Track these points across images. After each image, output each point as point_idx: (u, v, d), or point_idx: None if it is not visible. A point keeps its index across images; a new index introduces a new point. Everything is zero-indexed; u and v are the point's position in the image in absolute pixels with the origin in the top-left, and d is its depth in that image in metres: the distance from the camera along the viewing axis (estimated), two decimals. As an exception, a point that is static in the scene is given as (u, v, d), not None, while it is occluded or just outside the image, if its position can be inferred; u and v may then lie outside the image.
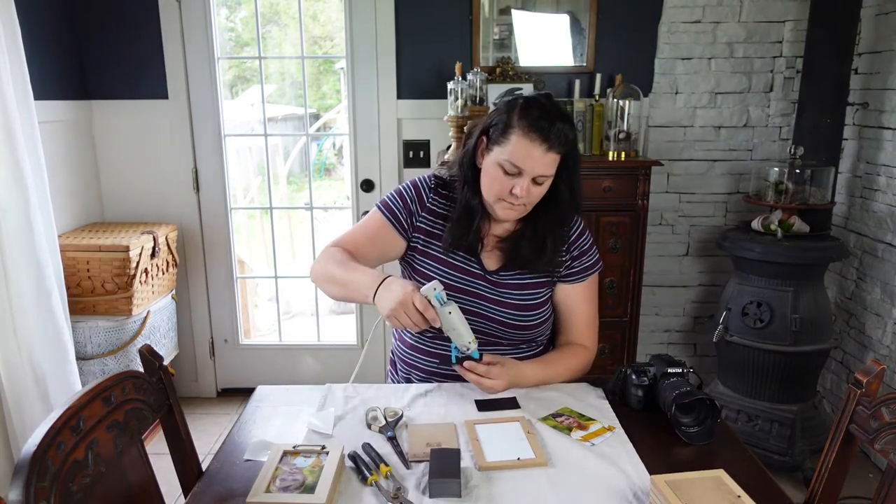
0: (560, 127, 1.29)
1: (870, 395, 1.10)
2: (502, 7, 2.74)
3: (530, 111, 1.30)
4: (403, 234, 1.47)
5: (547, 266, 1.44)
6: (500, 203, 1.36)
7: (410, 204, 1.47)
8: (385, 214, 1.47)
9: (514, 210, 1.37)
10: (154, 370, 1.18)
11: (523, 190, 1.31)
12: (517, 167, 1.30)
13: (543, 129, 1.28)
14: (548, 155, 1.30)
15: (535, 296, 1.46)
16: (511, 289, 1.44)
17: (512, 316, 1.44)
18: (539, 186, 1.34)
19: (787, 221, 2.42)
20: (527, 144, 1.29)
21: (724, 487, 0.99)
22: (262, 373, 3.07)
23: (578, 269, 1.48)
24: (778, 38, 2.73)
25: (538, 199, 1.37)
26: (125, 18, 2.71)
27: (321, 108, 4.43)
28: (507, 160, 1.31)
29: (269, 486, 1.02)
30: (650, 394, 1.31)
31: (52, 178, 2.27)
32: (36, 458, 0.86)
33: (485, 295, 1.44)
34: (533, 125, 1.29)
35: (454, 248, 1.44)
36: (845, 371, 2.70)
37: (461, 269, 1.45)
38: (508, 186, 1.32)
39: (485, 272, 1.45)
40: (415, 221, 1.47)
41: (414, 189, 1.48)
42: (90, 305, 2.39)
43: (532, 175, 1.31)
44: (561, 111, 1.33)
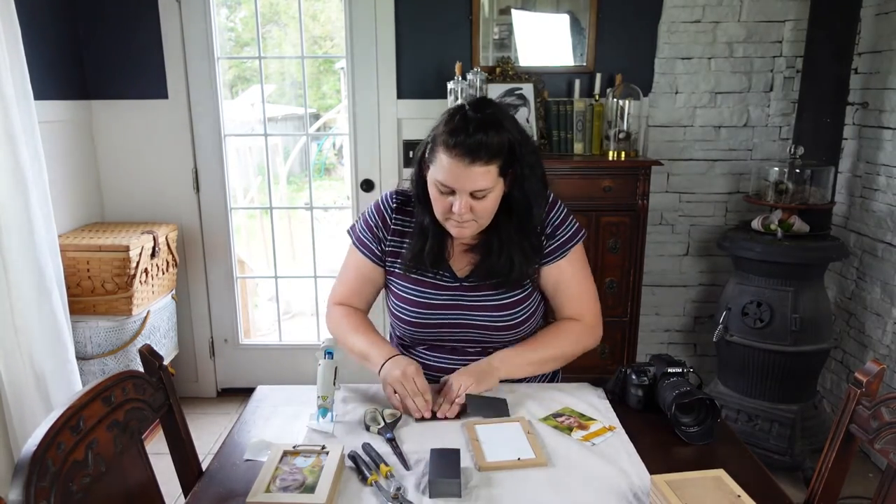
0: (480, 138, 1.22)
1: (870, 395, 1.10)
2: (502, 7, 2.74)
3: (451, 124, 1.25)
4: (379, 262, 1.47)
5: (520, 279, 1.39)
6: (449, 222, 1.32)
7: (376, 230, 1.45)
8: (359, 249, 1.48)
9: (465, 227, 1.31)
10: (154, 370, 1.18)
11: (461, 207, 1.26)
12: (447, 186, 1.26)
13: (462, 144, 1.22)
14: (473, 168, 1.23)
15: (514, 294, 1.41)
16: (488, 289, 1.40)
17: (494, 318, 1.40)
18: (482, 200, 1.28)
19: (787, 221, 2.42)
20: (450, 161, 1.23)
21: (725, 487, 0.99)
22: (262, 373, 3.07)
23: (556, 246, 1.42)
24: (778, 37, 2.73)
25: (488, 212, 1.31)
26: (125, 18, 2.71)
27: (321, 108, 4.43)
28: (437, 180, 1.27)
29: (269, 485, 1.02)
30: (650, 394, 1.31)
31: (52, 178, 2.27)
32: (36, 458, 0.86)
33: (462, 304, 1.40)
34: (452, 140, 1.23)
35: (416, 267, 1.41)
36: (845, 371, 2.70)
37: (434, 284, 1.42)
38: (448, 206, 1.28)
39: (458, 281, 1.42)
40: (384, 247, 1.45)
41: (377, 213, 1.46)
42: (90, 305, 2.39)
43: (465, 191, 1.25)
44: (485, 120, 1.24)
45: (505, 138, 1.26)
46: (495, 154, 1.25)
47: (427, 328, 1.43)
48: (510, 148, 1.28)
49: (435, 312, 1.41)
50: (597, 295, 1.49)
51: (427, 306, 1.41)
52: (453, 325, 1.41)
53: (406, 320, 1.44)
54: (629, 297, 2.59)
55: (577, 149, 2.70)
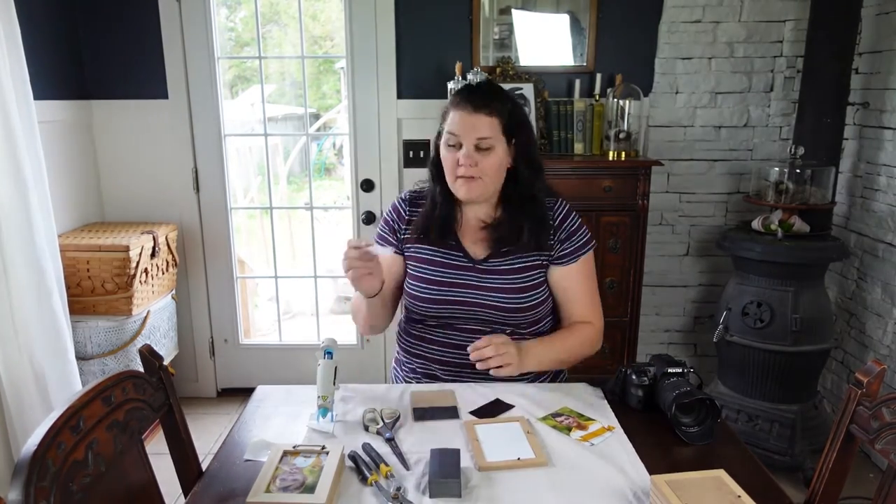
0: (480, 94, 1.40)
1: (870, 395, 1.10)
2: (502, 7, 2.74)
3: (458, 89, 1.47)
4: (397, 250, 1.55)
5: (530, 248, 1.47)
6: (457, 182, 1.41)
7: (393, 223, 1.56)
8: (378, 243, 1.55)
9: (471, 185, 1.40)
10: (154, 370, 1.18)
11: (465, 157, 1.38)
12: (454, 135, 1.39)
13: (465, 96, 1.40)
14: (476, 116, 1.38)
15: (527, 279, 1.47)
16: (501, 274, 1.47)
17: (504, 299, 1.46)
18: (487, 155, 1.39)
19: (787, 221, 2.42)
20: (456, 113, 1.40)
21: (725, 487, 0.99)
22: (262, 373, 3.07)
23: (569, 251, 1.49)
24: (778, 37, 2.73)
25: (493, 171, 1.41)
26: (125, 18, 2.71)
27: (321, 107, 4.42)
28: (447, 131, 1.41)
29: (270, 485, 1.02)
30: (650, 394, 1.31)
31: (52, 178, 2.27)
32: (36, 458, 0.86)
33: (475, 284, 1.47)
34: (457, 97, 1.42)
35: (422, 238, 1.51)
36: (846, 371, 2.70)
37: (448, 264, 1.49)
38: (455, 158, 1.40)
39: (473, 262, 1.49)
40: (401, 236, 1.55)
41: (393, 210, 1.58)
42: (90, 305, 2.39)
43: (470, 140, 1.38)
44: (490, 85, 1.47)
45: (507, 104, 1.42)
46: (497, 111, 1.39)
47: (440, 304, 1.48)
48: (511, 115, 1.42)
49: (448, 290, 1.47)
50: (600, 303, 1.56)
51: (441, 283, 1.48)
52: (465, 304, 1.47)
53: (420, 297, 1.50)
54: (629, 297, 2.58)
55: (578, 149, 2.70)
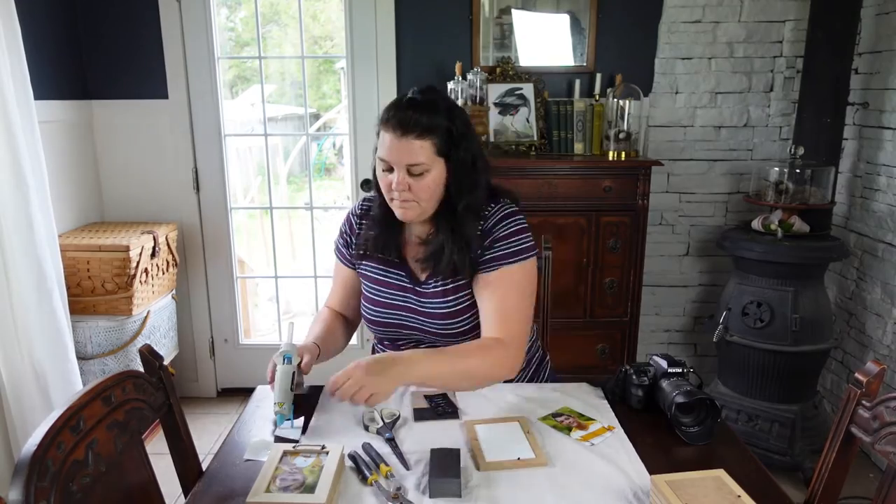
0: (412, 114, 1.28)
1: (870, 395, 1.10)
2: (502, 7, 2.74)
3: (389, 105, 1.33)
4: (350, 265, 1.53)
5: (452, 269, 1.36)
6: (393, 203, 1.35)
7: (346, 237, 1.52)
8: (337, 257, 1.56)
9: (406, 208, 1.33)
10: (154, 370, 1.18)
11: (398, 183, 1.29)
12: (385, 160, 1.31)
13: (394, 117, 1.29)
14: (403, 141, 1.28)
15: (458, 301, 1.39)
16: (435, 297, 1.40)
17: (437, 326, 1.40)
18: (420, 179, 1.30)
19: (787, 221, 2.42)
20: (386, 135, 1.30)
21: (725, 487, 0.99)
22: (263, 373, 3.04)
23: (488, 258, 1.35)
24: (778, 37, 2.73)
25: (428, 193, 1.32)
26: (125, 18, 2.71)
27: (321, 107, 4.42)
28: (379, 157, 1.33)
29: (270, 485, 1.02)
30: (650, 394, 1.31)
31: (52, 178, 2.27)
32: (36, 458, 0.86)
33: (414, 308, 1.42)
34: (386, 115, 1.31)
35: (363, 256, 1.47)
36: (845, 371, 2.70)
37: (394, 285, 1.45)
38: (388, 183, 1.33)
39: (414, 284, 1.43)
40: (352, 250, 1.51)
41: (346, 222, 1.54)
42: (90, 305, 2.39)
43: (400, 165, 1.29)
44: (419, 100, 1.30)
45: (439, 120, 1.30)
46: (427, 130, 1.28)
47: (386, 327, 1.46)
48: (446, 131, 1.31)
49: (390, 312, 1.45)
50: (527, 322, 1.38)
51: (385, 305, 1.45)
52: (406, 327, 1.44)
53: (368, 318, 1.49)
54: (629, 297, 2.59)
55: (578, 149, 2.70)
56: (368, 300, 1.47)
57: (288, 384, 1.23)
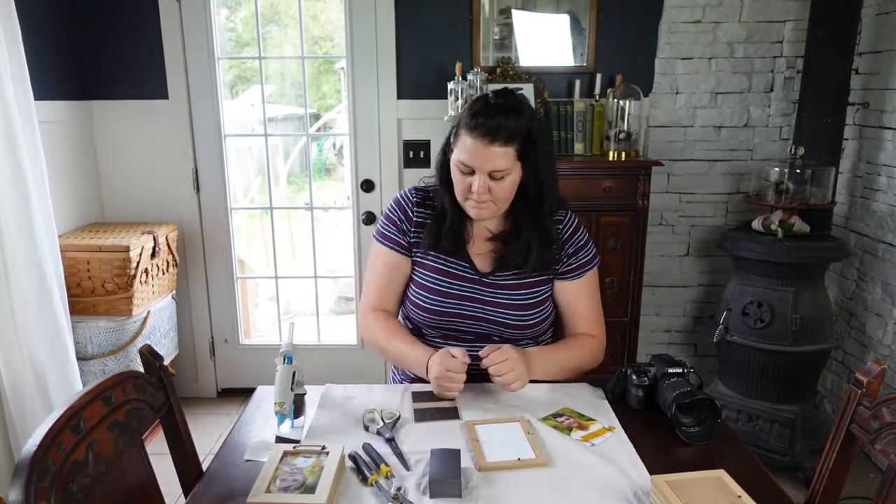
0: (500, 121, 1.30)
1: (870, 396, 1.10)
2: (502, 7, 2.74)
3: (473, 108, 1.34)
4: (406, 252, 1.51)
5: (538, 267, 1.44)
6: (468, 203, 1.38)
7: (400, 223, 1.50)
8: (385, 244, 1.51)
9: (482, 208, 1.37)
10: (154, 370, 1.18)
11: (480, 187, 1.33)
12: (467, 165, 1.33)
13: (482, 125, 1.30)
14: (491, 149, 1.30)
15: (533, 294, 1.46)
16: (507, 289, 1.45)
17: (510, 316, 1.44)
18: (500, 182, 1.34)
19: (787, 221, 2.42)
20: (471, 141, 1.32)
21: (725, 487, 0.99)
22: (263, 373, 3.06)
23: (575, 266, 1.49)
24: (778, 38, 2.73)
25: (506, 194, 1.37)
26: (125, 18, 2.71)
27: (321, 108, 4.42)
28: (460, 160, 1.34)
29: (270, 486, 1.02)
30: (650, 394, 1.31)
31: (52, 178, 2.27)
32: (36, 459, 0.86)
33: (481, 298, 1.45)
34: (473, 122, 1.32)
35: (433, 248, 1.46)
36: (846, 371, 2.69)
37: (455, 275, 1.46)
38: (468, 185, 1.35)
39: (479, 275, 1.46)
40: (410, 238, 1.50)
41: (399, 209, 1.51)
42: (90, 305, 2.39)
43: (483, 171, 1.32)
44: (505, 105, 1.33)
45: (523, 124, 1.33)
46: (513, 137, 1.31)
47: (443, 316, 1.46)
48: (528, 134, 1.34)
49: (453, 302, 1.45)
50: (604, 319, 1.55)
51: (447, 295, 1.45)
52: (469, 318, 1.46)
53: (424, 307, 1.47)
54: (629, 297, 2.58)
55: (578, 149, 2.70)
56: (428, 290, 1.47)
57: (288, 384, 1.23)
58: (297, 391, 1.24)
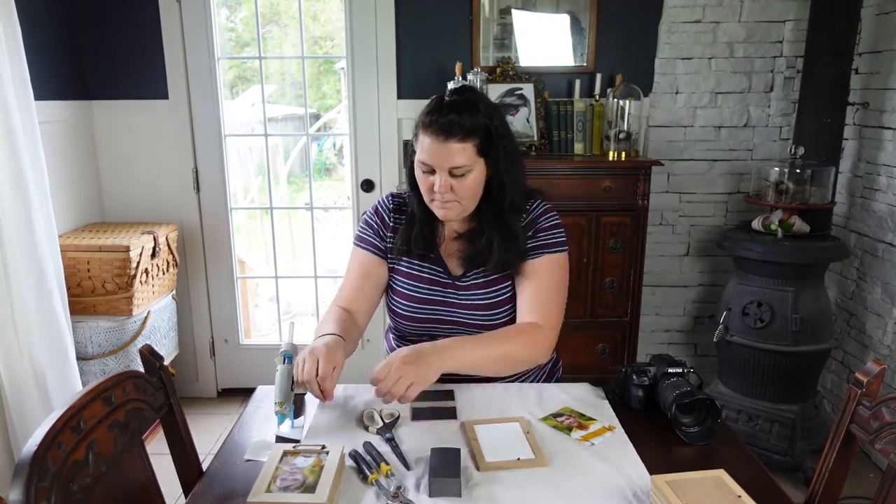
0: (453, 117, 1.29)
1: (870, 395, 1.10)
2: (502, 7, 2.74)
3: (428, 107, 1.34)
4: (381, 255, 1.50)
5: (499, 267, 1.41)
6: (433, 203, 1.37)
7: (377, 228, 1.50)
8: (362, 247, 1.51)
9: (448, 208, 1.36)
10: (154, 370, 1.18)
11: (441, 186, 1.31)
12: (427, 164, 1.33)
13: (436, 122, 1.30)
14: (447, 145, 1.29)
15: (500, 292, 1.44)
16: (476, 289, 1.44)
17: (479, 317, 1.43)
18: (462, 179, 1.32)
19: (787, 221, 2.42)
20: (427, 140, 1.31)
21: (725, 487, 0.99)
22: (263, 373, 3.06)
23: (532, 246, 1.42)
24: (778, 38, 2.73)
25: (470, 192, 1.35)
26: (125, 19, 2.71)
27: (321, 108, 4.42)
28: (419, 160, 1.34)
29: (270, 485, 1.02)
30: (651, 394, 1.31)
31: (53, 178, 2.27)
32: (36, 458, 0.87)
33: (454, 301, 1.45)
34: (428, 119, 1.31)
35: (405, 254, 1.46)
36: (846, 371, 2.70)
37: (430, 280, 1.46)
38: (430, 184, 1.34)
39: (452, 278, 1.45)
40: (386, 243, 1.49)
41: (376, 214, 1.52)
42: (90, 305, 2.39)
43: (443, 168, 1.31)
44: (459, 102, 1.32)
45: (480, 121, 1.32)
46: (469, 133, 1.30)
47: (420, 322, 1.47)
48: (486, 130, 1.33)
49: (428, 307, 1.45)
50: (562, 311, 1.43)
51: (421, 301, 1.46)
52: (444, 322, 1.45)
53: (401, 314, 1.48)
54: (629, 297, 2.58)
55: (578, 149, 2.70)
56: (404, 296, 1.47)
57: (288, 384, 1.23)
58: (297, 391, 1.24)
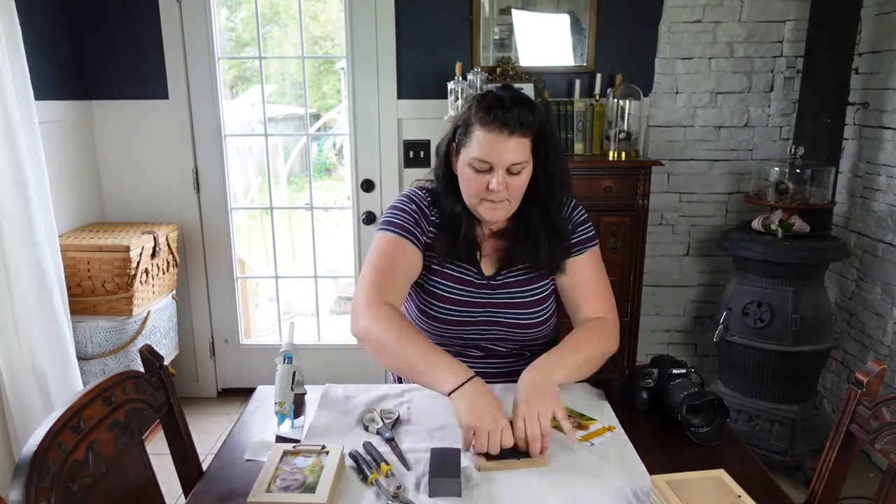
0: (517, 111, 1.26)
1: (870, 395, 1.10)
2: (502, 7, 2.74)
3: (485, 103, 1.29)
4: (420, 247, 1.39)
5: (548, 263, 1.39)
6: (483, 204, 1.32)
7: (418, 217, 1.40)
8: (398, 233, 1.36)
9: (499, 208, 1.32)
10: (154, 370, 1.18)
11: (499, 183, 1.27)
12: (486, 162, 1.28)
13: (500, 117, 1.26)
14: (511, 140, 1.26)
15: (538, 290, 1.43)
16: (512, 287, 1.43)
17: (517, 315, 1.42)
18: (517, 177, 1.30)
19: (787, 221, 2.42)
20: (489, 136, 1.27)
21: (725, 487, 0.99)
22: (263, 373, 3.06)
23: (576, 241, 1.43)
24: (778, 37, 2.73)
25: (520, 191, 1.32)
26: (125, 18, 2.71)
27: (321, 108, 4.43)
28: (476, 157, 1.28)
29: (270, 485, 1.02)
30: (655, 396, 1.30)
31: (53, 178, 2.27)
32: (36, 458, 0.86)
33: (488, 301, 1.42)
34: (489, 115, 1.27)
35: (451, 258, 1.40)
36: (846, 371, 2.70)
37: (463, 280, 1.42)
38: (484, 184, 1.29)
39: (486, 279, 1.43)
40: (425, 238, 1.41)
41: (414, 203, 1.41)
42: (91, 305, 2.39)
43: (503, 165, 1.27)
44: (518, 97, 1.31)
45: (537, 116, 1.30)
46: (530, 128, 1.28)
47: (457, 325, 1.42)
48: (540, 126, 1.31)
49: (466, 310, 1.41)
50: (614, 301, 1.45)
51: (459, 303, 1.41)
52: (482, 323, 1.42)
53: (437, 317, 1.42)
54: (629, 297, 2.58)
55: (578, 149, 2.70)
56: (441, 299, 1.41)
57: (288, 384, 1.23)
58: (297, 391, 1.24)
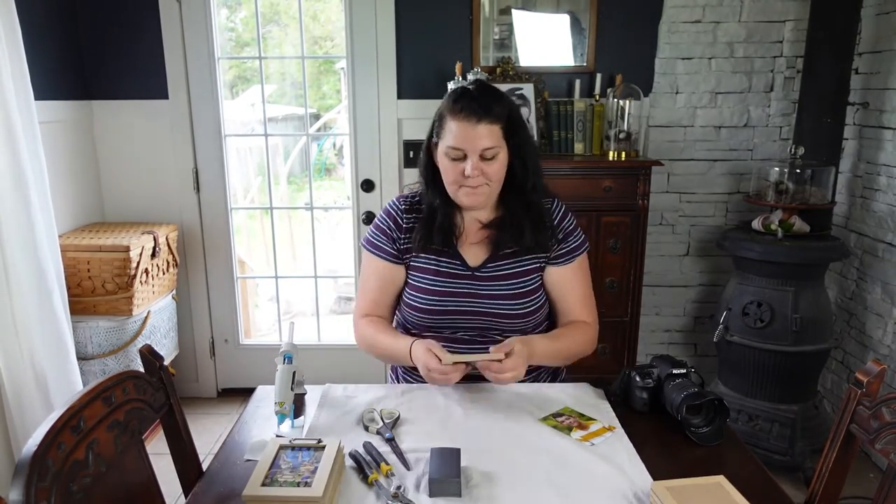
0: (483, 100, 1.36)
1: (870, 395, 1.10)
2: (502, 7, 2.74)
3: (454, 96, 1.40)
4: (397, 261, 1.52)
5: (533, 248, 1.46)
6: (461, 190, 1.40)
7: (389, 231, 1.52)
8: (374, 253, 1.54)
9: (477, 194, 1.40)
10: (154, 370, 1.18)
11: (474, 167, 1.36)
12: (459, 149, 1.36)
13: (467, 107, 1.36)
14: (480, 126, 1.35)
15: (526, 283, 1.47)
16: (499, 280, 1.46)
17: (505, 306, 1.45)
18: (491, 162, 1.37)
19: (787, 221, 2.42)
20: (459, 125, 1.36)
21: (724, 494, 0.99)
22: (263, 373, 3.06)
23: (566, 251, 1.50)
24: (778, 37, 2.73)
25: (497, 176, 1.40)
26: (125, 18, 2.71)
27: (321, 108, 4.43)
28: (450, 146, 1.37)
29: (266, 479, 1.02)
30: (655, 396, 1.30)
31: (53, 178, 2.27)
32: (37, 458, 0.87)
33: (474, 292, 1.46)
34: (458, 105, 1.37)
35: (423, 248, 1.48)
36: (846, 371, 2.70)
37: (447, 273, 1.48)
38: (460, 171, 1.37)
39: (471, 270, 1.47)
40: (400, 245, 1.51)
41: (388, 217, 1.54)
42: (91, 305, 2.39)
43: (475, 151, 1.35)
44: (484, 87, 1.41)
45: (504, 106, 1.40)
46: (498, 116, 1.37)
47: (439, 315, 1.48)
48: (509, 115, 1.40)
49: (448, 300, 1.46)
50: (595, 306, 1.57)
51: (441, 293, 1.47)
52: (465, 313, 1.47)
53: (418, 307, 1.48)
54: (629, 297, 2.58)
55: (578, 149, 2.70)
56: (423, 290, 1.48)
57: (288, 384, 1.23)
58: (297, 391, 1.24)
